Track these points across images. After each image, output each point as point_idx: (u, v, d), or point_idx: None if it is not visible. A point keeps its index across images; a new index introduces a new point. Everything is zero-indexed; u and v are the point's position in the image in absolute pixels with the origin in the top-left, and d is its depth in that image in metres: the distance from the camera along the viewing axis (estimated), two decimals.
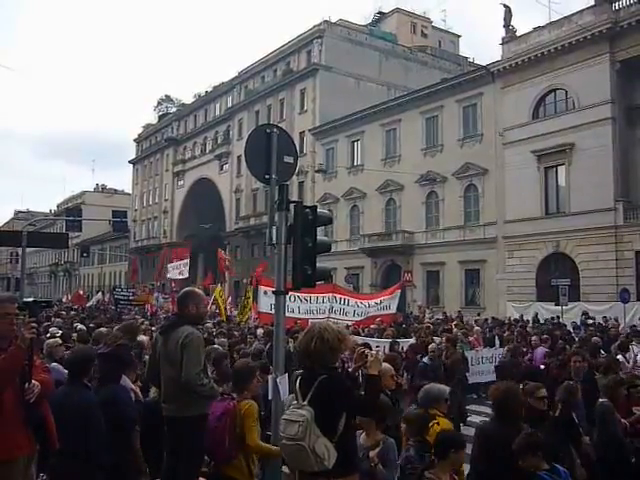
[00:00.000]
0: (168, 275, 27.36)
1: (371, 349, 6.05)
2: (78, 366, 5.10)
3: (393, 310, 16.12)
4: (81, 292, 42.30)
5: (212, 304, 20.50)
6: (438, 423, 5.02)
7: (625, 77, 26.70)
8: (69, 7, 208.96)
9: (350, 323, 14.55)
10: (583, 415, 7.33)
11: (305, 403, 3.62)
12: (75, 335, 10.45)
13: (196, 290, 5.64)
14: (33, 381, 3.74)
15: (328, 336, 3.73)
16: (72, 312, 24.75)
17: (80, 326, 13.75)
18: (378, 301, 16.09)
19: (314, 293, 14.28)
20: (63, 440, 4.12)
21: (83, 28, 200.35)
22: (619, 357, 10.08)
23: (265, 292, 14.75)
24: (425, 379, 8.10)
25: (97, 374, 5.52)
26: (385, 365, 5.54)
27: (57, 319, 16.55)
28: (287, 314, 7.39)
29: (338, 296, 15.60)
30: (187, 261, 27.05)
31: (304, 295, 14.28)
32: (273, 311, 13.97)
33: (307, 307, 14.84)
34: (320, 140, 43.07)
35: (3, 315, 3.77)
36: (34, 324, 3.73)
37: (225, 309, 21.45)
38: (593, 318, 21.64)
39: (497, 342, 14.83)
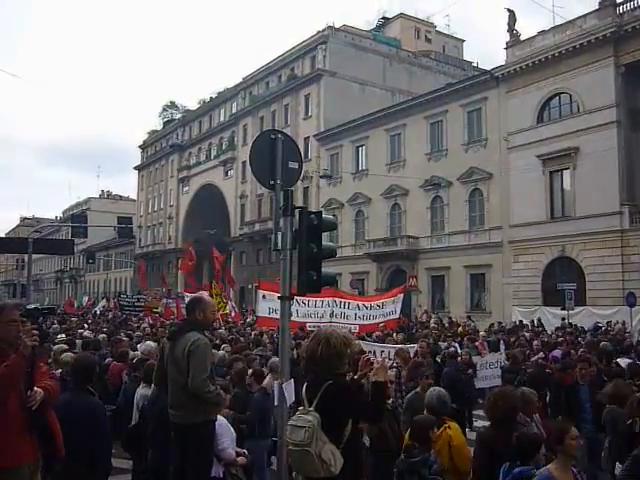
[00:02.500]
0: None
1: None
2: (82, 373, 5.12)
3: (397, 315, 15.92)
4: (86, 298, 42.36)
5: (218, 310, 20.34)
6: (449, 427, 4.96)
7: (630, 80, 26.60)
8: (73, 13, 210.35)
9: (353, 327, 14.39)
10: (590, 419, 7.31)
11: (311, 409, 3.61)
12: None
13: (204, 297, 5.65)
14: (35, 388, 3.74)
15: (334, 341, 3.71)
16: (79, 319, 24.75)
17: (86, 333, 13.85)
18: (380, 304, 15.71)
19: (313, 297, 14.06)
20: (68, 446, 4.12)
21: (88, 34, 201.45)
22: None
23: (264, 296, 14.63)
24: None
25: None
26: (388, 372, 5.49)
27: (53, 325, 16.52)
28: None
29: (338, 300, 15.33)
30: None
31: (302, 298, 14.04)
32: (272, 315, 13.85)
33: (305, 310, 14.62)
34: (325, 145, 43.07)
35: (9, 322, 3.79)
36: (35, 331, 3.74)
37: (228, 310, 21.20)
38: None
39: (502, 347, 14.75)
